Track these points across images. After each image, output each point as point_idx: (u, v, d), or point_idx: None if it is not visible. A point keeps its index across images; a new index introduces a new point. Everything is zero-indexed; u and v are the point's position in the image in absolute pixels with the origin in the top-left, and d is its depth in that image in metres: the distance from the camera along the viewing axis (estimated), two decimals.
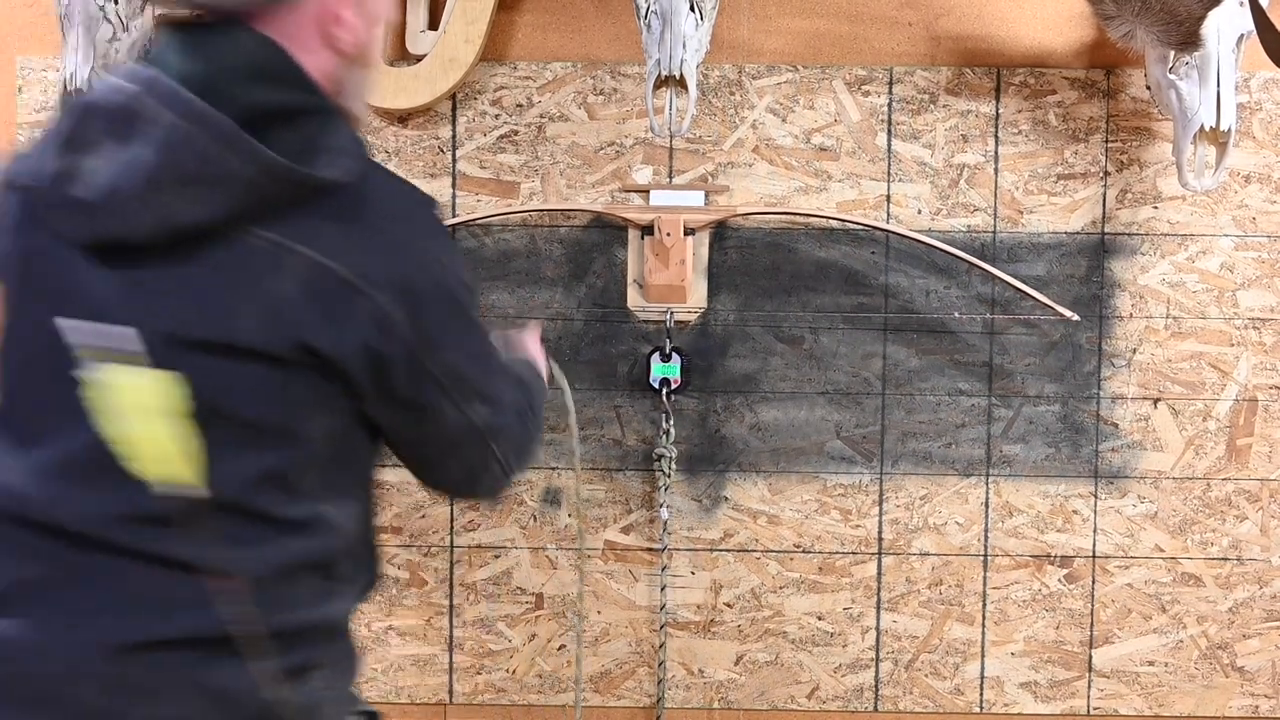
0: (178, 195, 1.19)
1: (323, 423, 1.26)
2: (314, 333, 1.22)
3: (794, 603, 2.79)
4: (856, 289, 2.75)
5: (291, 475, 1.25)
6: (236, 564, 1.22)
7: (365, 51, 1.35)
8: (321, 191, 1.24)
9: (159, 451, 1.18)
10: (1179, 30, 2.29)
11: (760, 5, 2.74)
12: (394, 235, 1.27)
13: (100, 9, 2.39)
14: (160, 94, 1.21)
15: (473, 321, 1.36)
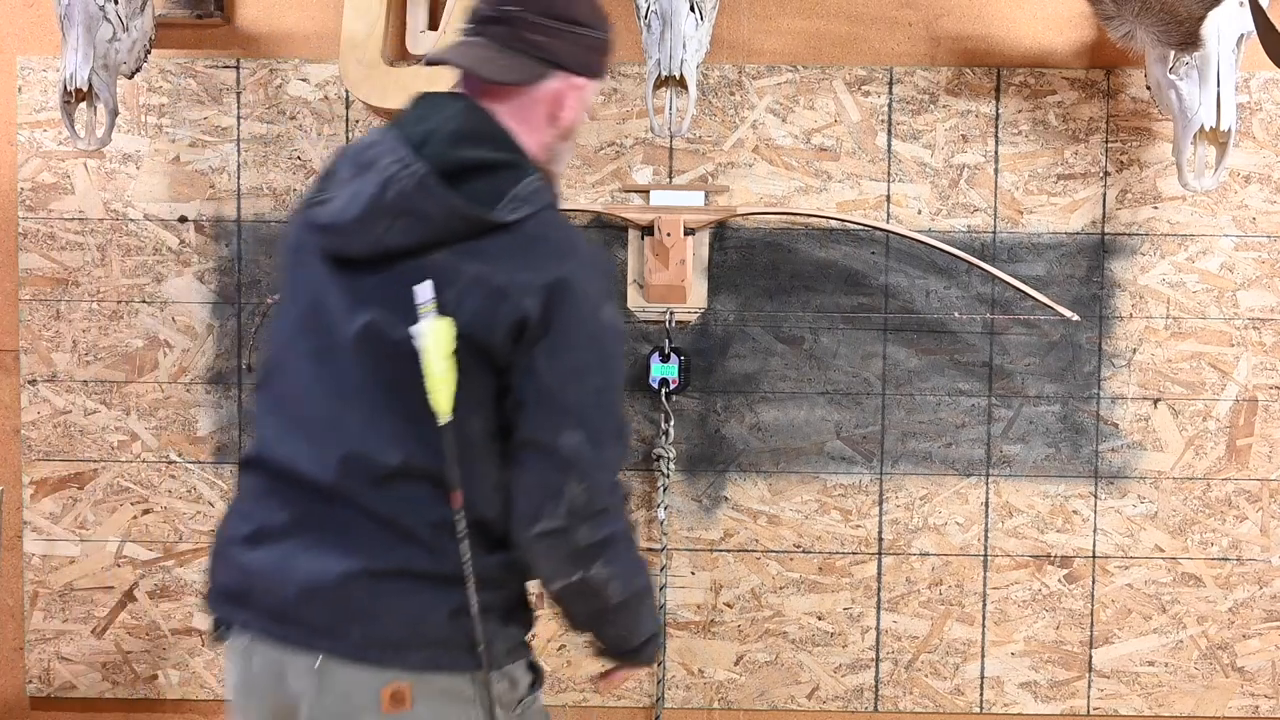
0: (384, 223, 1.52)
1: (485, 414, 1.53)
2: (473, 326, 1.49)
3: (794, 603, 2.79)
4: (856, 289, 2.75)
5: (467, 453, 1.51)
6: (433, 517, 1.51)
7: (573, 131, 1.69)
8: (498, 228, 1.53)
9: (442, 385, 1.49)
10: (1179, 30, 2.29)
11: (760, 5, 2.73)
12: (545, 261, 1.53)
13: (100, 9, 2.39)
14: (388, 145, 1.56)
15: (602, 354, 1.56)
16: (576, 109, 1.67)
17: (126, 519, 2.80)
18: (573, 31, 1.65)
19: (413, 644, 1.53)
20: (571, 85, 1.65)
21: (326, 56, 2.75)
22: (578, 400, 1.53)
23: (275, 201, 2.76)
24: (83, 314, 2.78)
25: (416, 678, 1.53)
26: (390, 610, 1.52)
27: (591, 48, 1.68)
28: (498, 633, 1.57)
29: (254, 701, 1.58)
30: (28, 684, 2.83)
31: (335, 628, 1.52)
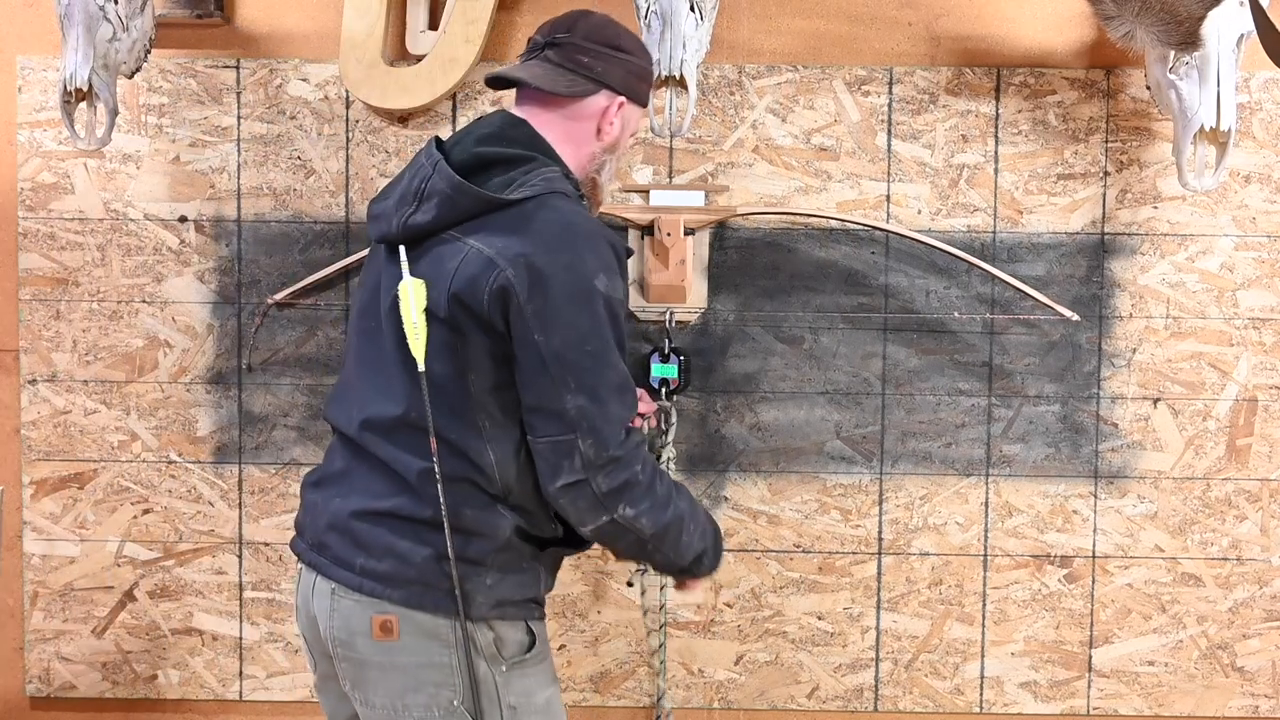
0: (411, 207, 1.75)
1: (476, 380, 1.71)
2: (461, 289, 1.68)
3: (794, 603, 2.79)
4: (856, 289, 2.75)
5: (460, 416, 1.71)
6: (425, 468, 1.70)
7: (617, 145, 1.90)
8: (501, 208, 1.71)
9: (418, 332, 1.69)
10: (1179, 30, 2.29)
11: (760, 5, 2.74)
12: (538, 234, 1.69)
13: (100, 9, 2.39)
14: (429, 148, 1.80)
15: (594, 318, 1.69)
16: (620, 126, 1.88)
17: (126, 519, 2.80)
18: (618, 56, 1.87)
19: (399, 580, 1.72)
20: (615, 103, 1.86)
21: (326, 56, 2.75)
22: (576, 364, 1.67)
23: (275, 201, 2.76)
24: (83, 314, 2.78)
25: (402, 612, 1.71)
26: (383, 547, 1.72)
27: (633, 73, 1.89)
28: (483, 585, 1.73)
29: (301, 614, 1.84)
30: (28, 684, 2.83)
31: (345, 559, 1.74)
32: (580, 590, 2.79)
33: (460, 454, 1.71)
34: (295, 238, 2.76)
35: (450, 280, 1.69)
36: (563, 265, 1.68)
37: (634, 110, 1.91)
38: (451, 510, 1.69)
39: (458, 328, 1.70)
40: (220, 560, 2.81)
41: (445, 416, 1.70)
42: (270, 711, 2.84)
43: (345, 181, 2.75)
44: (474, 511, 1.72)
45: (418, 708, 1.73)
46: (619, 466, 1.69)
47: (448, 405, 1.71)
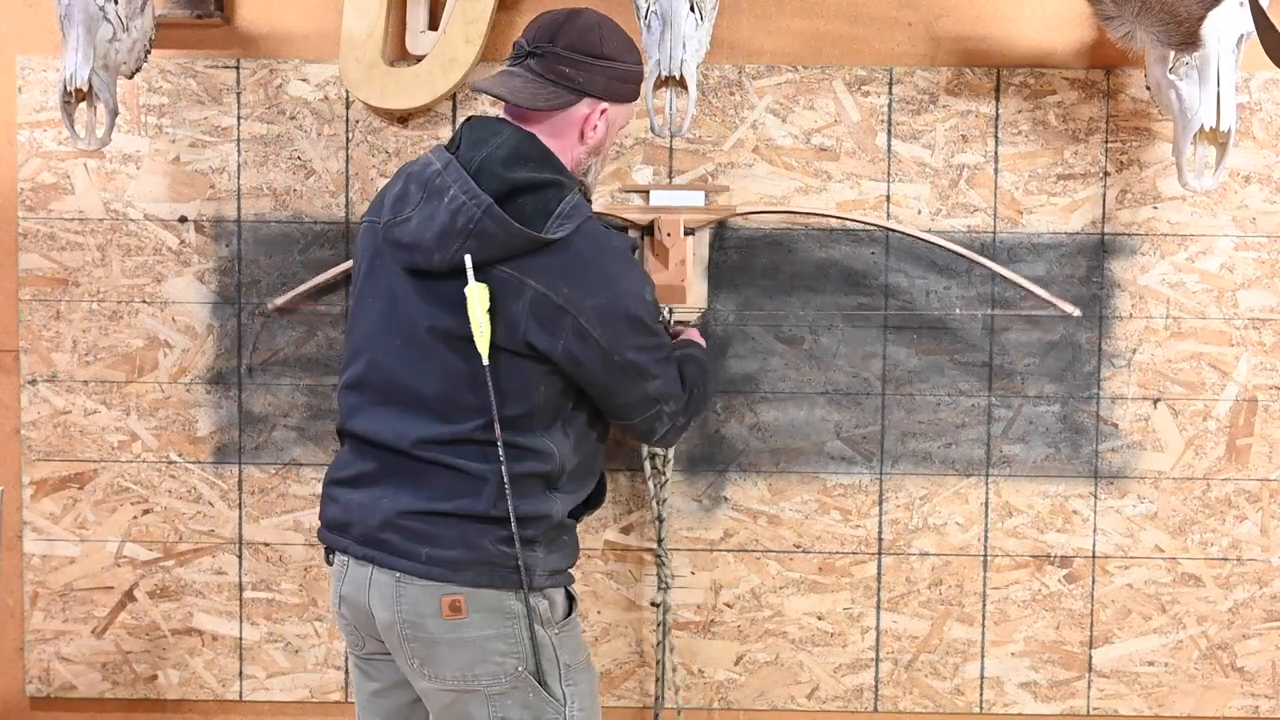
0: (457, 244, 1.85)
1: (544, 390, 1.91)
2: (535, 337, 1.87)
3: (794, 603, 2.79)
4: (856, 289, 2.75)
5: (527, 419, 1.91)
6: (487, 471, 1.89)
7: (602, 147, 2.01)
8: (547, 245, 1.86)
9: (482, 330, 1.84)
10: (1179, 30, 2.29)
11: (760, 5, 2.74)
12: (593, 274, 1.89)
13: (100, 9, 2.39)
14: (452, 172, 1.89)
15: (649, 329, 1.96)
16: (603, 129, 1.98)
17: (126, 519, 2.80)
18: (599, 64, 1.94)
19: (466, 564, 1.89)
20: (598, 109, 1.96)
21: (326, 56, 2.75)
22: (647, 363, 1.96)
23: (275, 201, 2.76)
24: (83, 314, 2.78)
25: (470, 592, 1.89)
26: (449, 538, 1.89)
27: (616, 78, 1.97)
28: (540, 560, 1.94)
29: (347, 608, 1.98)
30: (28, 684, 2.84)
31: (409, 551, 1.90)
32: (580, 590, 2.79)
33: (529, 452, 1.91)
34: (295, 238, 2.76)
35: (524, 325, 1.87)
36: (621, 301, 1.91)
37: (620, 110, 2.01)
38: (514, 504, 1.88)
39: (527, 357, 1.89)
40: (220, 560, 2.81)
41: (514, 423, 1.90)
42: (270, 711, 2.84)
43: (345, 182, 2.75)
44: (531, 501, 1.92)
45: (486, 676, 1.91)
46: (690, 402, 2.07)
47: (517, 413, 1.90)
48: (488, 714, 1.92)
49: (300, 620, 2.79)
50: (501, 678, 1.91)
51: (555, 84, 1.93)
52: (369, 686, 2.08)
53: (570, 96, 1.94)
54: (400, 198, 1.95)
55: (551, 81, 1.93)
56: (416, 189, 1.92)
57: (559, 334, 1.88)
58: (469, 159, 1.90)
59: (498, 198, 1.85)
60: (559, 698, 1.95)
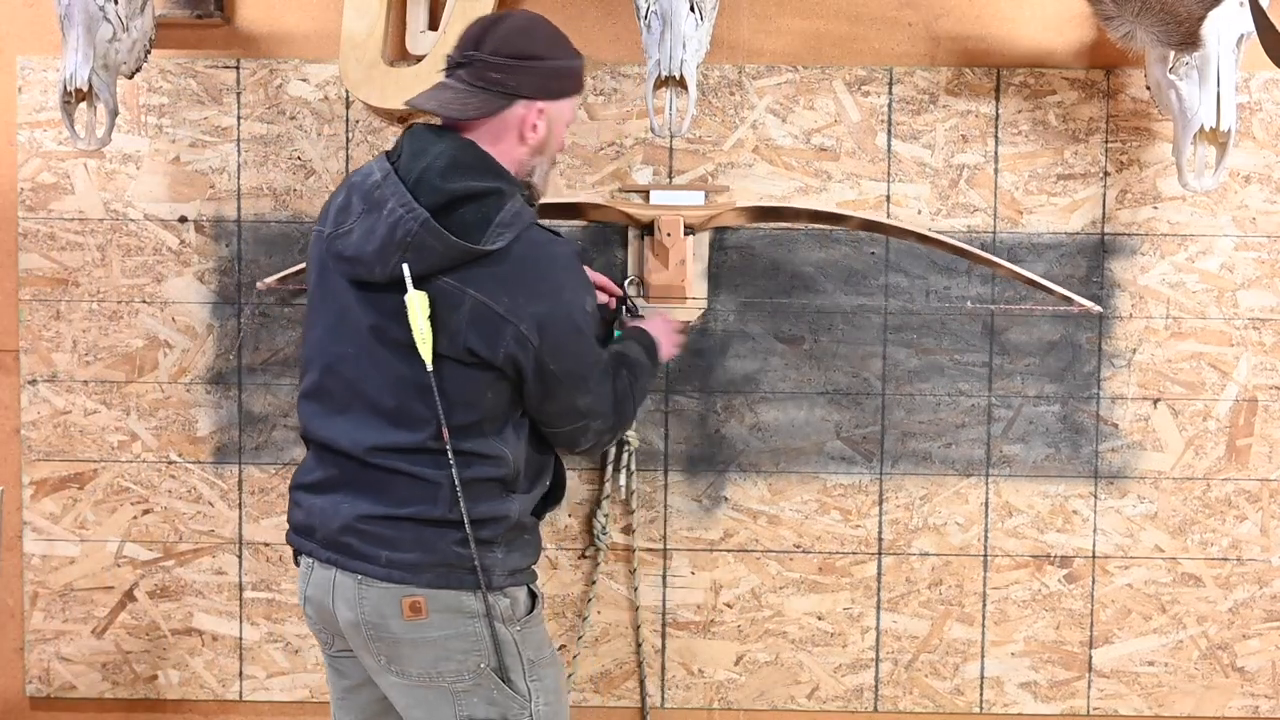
0: (396, 256, 1.85)
1: (492, 397, 1.92)
2: (476, 345, 1.87)
3: (794, 603, 2.79)
4: (856, 289, 2.75)
5: (477, 425, 1.91)
6: (441, 477, 1.90)
7: (546, 146, 1.99)
8: (487, 255, 1.86)
9: (424, 338, 1.85)
10: (1179, 30, 2.29)
11: (760, 5, 2.73)
12: (535, 282, 1.89)
13: (100, 9, 2.39)
14: (390, 184, 1.89)
15: (588, 340, 1.97)
16: (544, 128, 1.96)
17: (126, 519, 2.80)
18: (527, 65, 1.93)
19: (425, 566, 1.91)
20: (534, 109, 1.94)
21: (326, 56, 2.75)
22: (583, 376, 1.97)
23: (275, 201, 2.76)
24: (83, 314, 2.78)
25: (429, 593, 1.91)
26: (407, 541, 1.91)
27: (547, 75, 1.96)
28: (499, 560, 1.95)
29: (312, 609, 2.01)
30: (28, 684, 2.84)
31: (369, 554, 1.91)
32: (580, 590, 2.79)
33: (481, 458, 1.92)
34: (295, 238, 2.76)
35: (464, 333, 1.87)
36: (563, 310, 1.92)
37: (561, 106, 1.99)
38: (469, 507, 1.89)
39: (471, 365, 1.89)
40: (220, 560, 2.81)
41: (464, 429, 1.91)
42: (270, 711, 2.84)
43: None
44: (488, 504, 1.93)
45: (450, 674, 1.93)
46: (616, 420, 2.07)
47: (467, 420, 1.90)
48: (454, 711, 1.95)
49: (300, 620, 2.79)
50: (465, 675, 1.93)
51: (485, 90, 1.92)
52: (341, 684, 2.10)
53: (502, 101, 1.92)
54: (343, 209, 1.95)
55: (481, 89, 1.92)
56: (358, 200, 1.92)
57: (499, 342, 1.88)
58: (408, 170, 1.89)
59: (436, 209, 1.85)
60: (523, 693, 1.96)
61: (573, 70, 2.00)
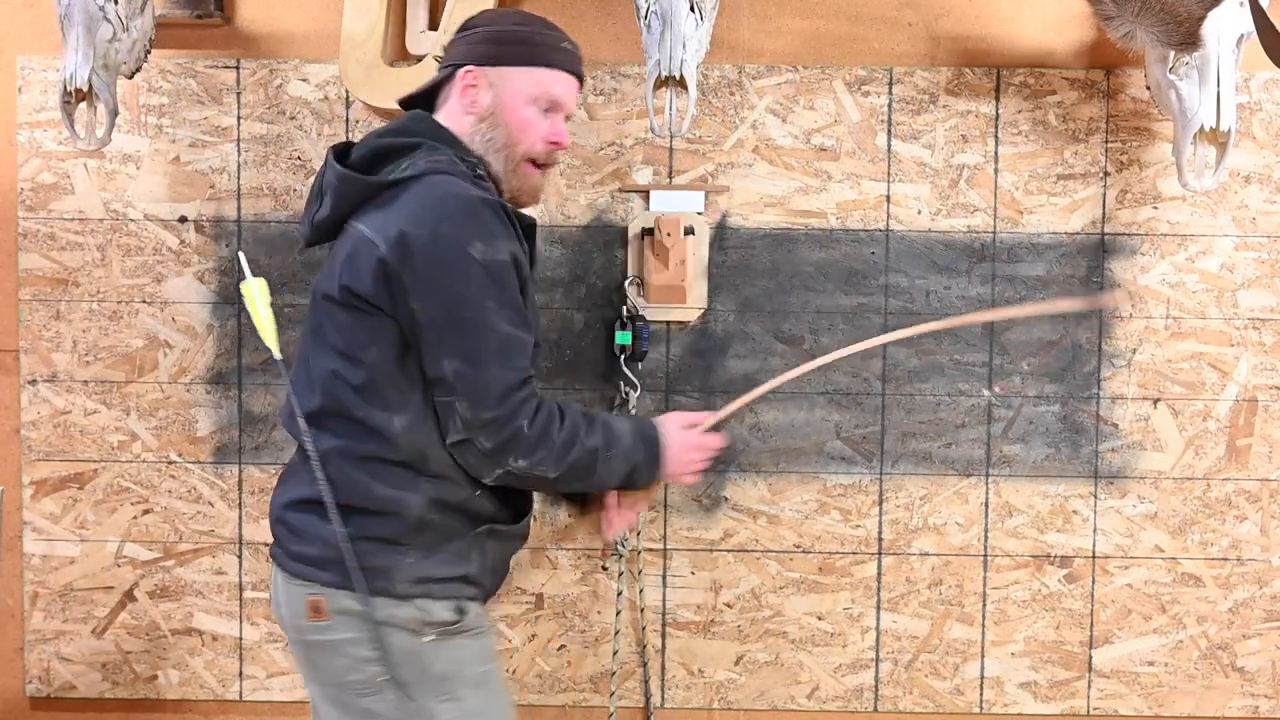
0: (315, 207, 1.85)
1: (376, 353, 1.74)
2: (349, 278, 1.74)
3: (794, 603, 2.79)
4: (856, 289, 2.75)
5: (368, 387, 1.75)
6: (325, 454, 1.75)
7: (494, 116, 1.87)
8: (383, 189, 1.78)
9: (267, 325, 1.78)
10: (1179, 30, 2.29)
11: (760, 5, 2.74)
12: (409, 208, 1.73)
13: (100, 9, 2.39)
14: (329, 151, 1.88)
15: (468, 284, 1.71)
16: (487, 95, 1.87)
17: (126, 519, 2.80)
18: (465, 35, 1.91)
19: (323, 561, 1.77)
20: (467, 72, 1.87)
21: (326, 56, 2.75)
22: (450, 330, 1.72)
23: (275, 201, 2.76)
24: (83, 314, 2.78)
25: (328, 593, 1.77)
26: (311, 532, 1.78)
27: (487, 39, 1.89)
28: (403, 564, 1.77)
29: (274, 608, 1.91)
30: (28, 684, 2.84)
31: (286, 547, 1.82)
32: (580, 590, 2.79)
33: (371, 431, 1.75)
34: (295, 238, 2.76)
35: (339, 266, 1.76)
36: (432, 235, 1.71)
37: (507, 73, 1.88)
38: (362, 490, 1.75)
39: (354, 308, 1.75)
40: (220, 560, 2.81)
41: (354, 395, 1.76)
42: (270, 711, 2.84)
43: None
44: (385, 489, 1.76)
45: (358, 685, 1.78)
46: (497, 425, 1.73)
47: (356, 384, 1.76)
48: None
49: None
50: (370, 686, 1.77)
51: (441, 68, 1.93)
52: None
53: (446, 72, 1.91)
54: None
55: (440, 68, 1.94)
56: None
57: (365, 268, 1.73)
58: (361, 140, 1.89)
59: (361, 164, 1.82)
60: (431, 713, 1.78)
61: (518, 36, 1.89)
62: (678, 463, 1.89)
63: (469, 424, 1.72)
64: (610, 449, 1.81)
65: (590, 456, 1.79)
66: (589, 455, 1.79)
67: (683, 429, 1.91)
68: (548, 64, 1.89)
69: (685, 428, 1.92)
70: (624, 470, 1.84)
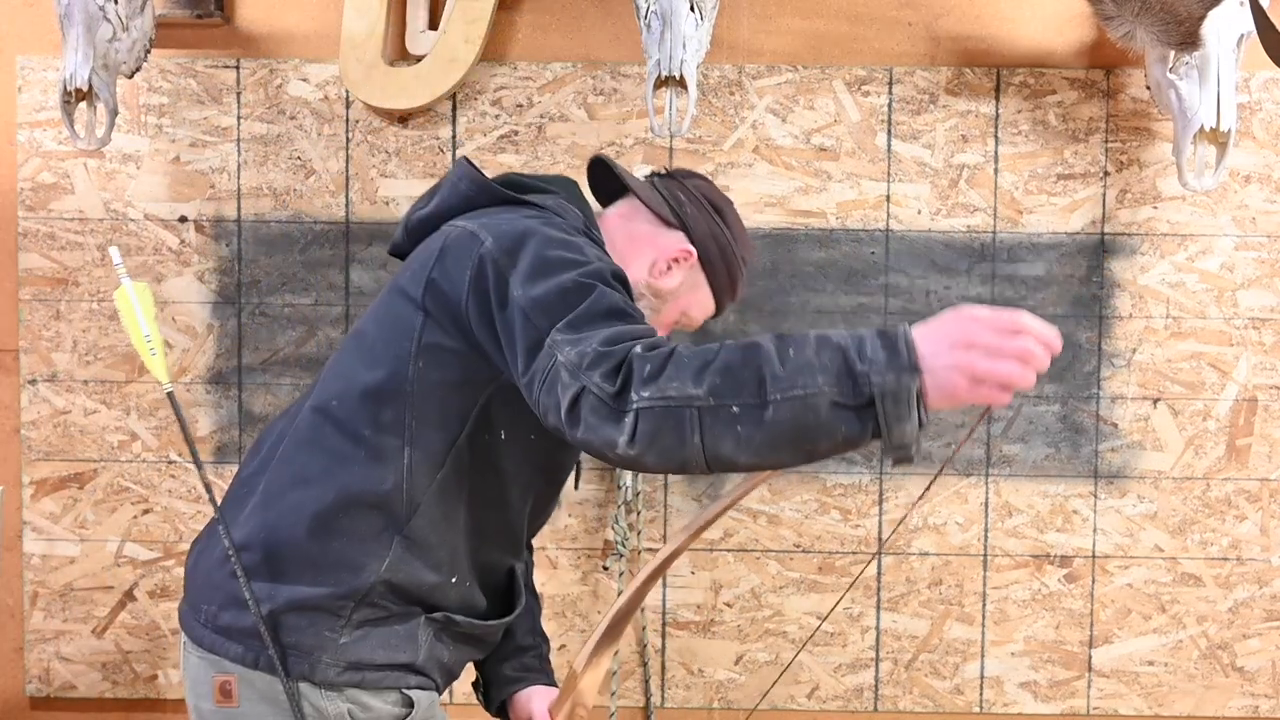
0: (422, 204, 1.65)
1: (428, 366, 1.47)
2: (438, 272, 1.48)
3: (794, 603, 2.79)
4: (856, 289, 2.75)
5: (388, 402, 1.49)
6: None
7: (662, 295, 1.71)
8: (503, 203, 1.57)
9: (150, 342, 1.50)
10: (1179, 30, 2.29)
11: (760, 5, 2.74)
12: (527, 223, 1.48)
13: (100, 9, 2.39)
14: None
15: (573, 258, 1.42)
16: (675, 278, 1.68)
17: (126, 519, 2.80)
18: (714, 218, 1.69)
19: (236, 631, 1.49)
20: (685, 250, 1.67)
21: (326, 56, 2.75)
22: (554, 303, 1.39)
23: (275, 201, 2.76)
24: (83, 314, 2.78)
25: (240, 671, 1.48)
26: (222, 590, 1.53)
27: (718, 240, 1.69)
28: (332, 643, 1.46)
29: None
30: (28, 684, 2.84)
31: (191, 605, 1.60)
32: (580, 590, 2.79)
33: (365, 456, 1.48)
34: (295, 238, 2.76)
35: (430, 262, 1.48)
36: (540, 229, 1.47)
37: (701, 283, 1.71)
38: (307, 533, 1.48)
39: (425, 311, 1.47)
40: None
41: (370, 407, 1.48)
42: None
43: (345, 181, 2.75)
44: (342, 539, 1.47)
45: None
46: (606, 355, 1.29)
47: (378, 394, 1.48)
48: None
49: None
50: None
51: (667, 203, 1.69)
52: None
53: (672, 219, 1.68)
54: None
55: (664, 197, 1.70)
56: None
57: (465, 264, 1.45)
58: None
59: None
60: None
61: (730, 254, 1.71)
62: (956, 350, 1.17)
63: (577, 366, 1.29)
64: (788, 348, 1.24)
65: (750, 357, 1.24)
66: (747, 358, 1.24)
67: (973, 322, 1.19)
68: (719, 292, 1.74)
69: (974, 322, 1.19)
70: (833, 374, 1.19)
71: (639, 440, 1.24)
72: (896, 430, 1.17)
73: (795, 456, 1.23)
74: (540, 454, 1.56)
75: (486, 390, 1.47)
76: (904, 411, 1.16)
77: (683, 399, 1.22)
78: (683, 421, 1.22)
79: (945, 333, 1.17)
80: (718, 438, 1.22)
